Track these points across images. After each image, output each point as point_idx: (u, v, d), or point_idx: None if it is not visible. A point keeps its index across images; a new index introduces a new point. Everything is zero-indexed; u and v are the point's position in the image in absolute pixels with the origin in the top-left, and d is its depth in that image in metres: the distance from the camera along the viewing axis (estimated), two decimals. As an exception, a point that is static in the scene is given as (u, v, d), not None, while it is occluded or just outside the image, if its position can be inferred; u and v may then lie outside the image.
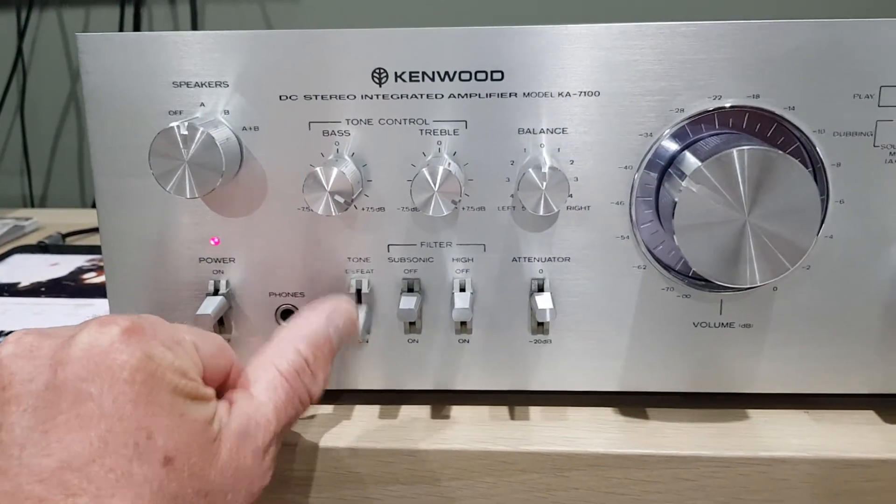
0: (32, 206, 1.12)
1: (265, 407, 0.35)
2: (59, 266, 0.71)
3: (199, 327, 0.41)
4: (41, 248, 0.77)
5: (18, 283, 0.66)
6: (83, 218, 0.91)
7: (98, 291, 0.64)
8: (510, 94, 0.41)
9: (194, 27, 1.02)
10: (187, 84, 0.41)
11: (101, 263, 0.71)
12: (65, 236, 0.82)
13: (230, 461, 0.33)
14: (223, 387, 0.37)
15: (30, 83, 1.09)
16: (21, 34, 1.07)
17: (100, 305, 0.60)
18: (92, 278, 0.67)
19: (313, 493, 0.41)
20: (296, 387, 0.37)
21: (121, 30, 1.04)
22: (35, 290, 0.65)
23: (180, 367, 0.32)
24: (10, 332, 0.55)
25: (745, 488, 0.40)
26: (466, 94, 0.41)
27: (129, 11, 1.04)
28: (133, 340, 0.31)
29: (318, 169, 0.39)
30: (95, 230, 0.84)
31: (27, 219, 0.88)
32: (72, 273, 0.69)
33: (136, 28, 1.04)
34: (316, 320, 0.39)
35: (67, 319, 0.58)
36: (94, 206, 1.09)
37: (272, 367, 0.37)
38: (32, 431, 0.30)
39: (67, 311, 0.60)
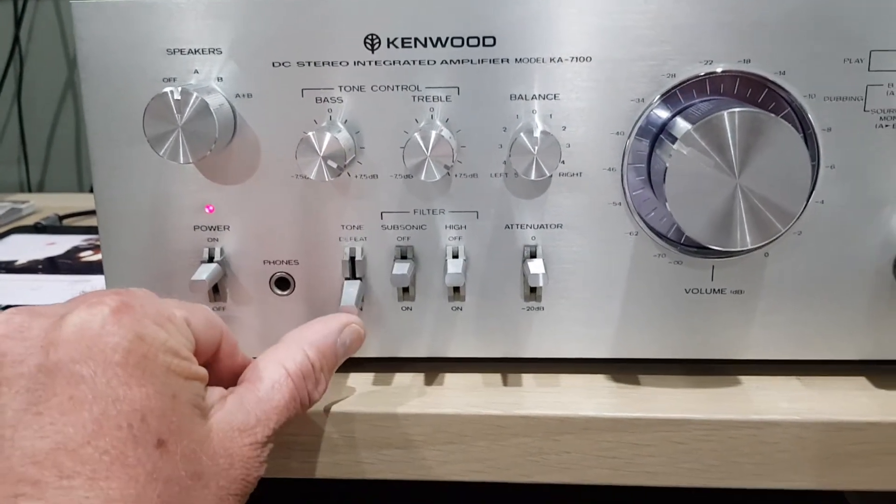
0: (30, 192, 1.12)
1: (268, 404, 0.36)
2: (56, 245, 0.71)
3: (195, 293, 0.42)
4: (38, 228, 0.77)
5: (15, 261, 0.66)
6: (80, 202, 0.91)
7: (95, 269, 0.64)
8: (502, 60, 0.41)
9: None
10: (181, 51, 0.41)
11: (99, 243, 0.71)
12: (62, 218, 0.82)
13: (224, 449, 0.33)
14: (216, 357, 0.37)
15: (27, 71, 1.09)
16: (18, 22, 1.07)
17: (97, 282, 0.60)
18: (88, 256, 0.68)
19: (308, 457, 0.42)
20: (300, 388, 0.37)
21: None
22: (32, 268, 0.65)
23: (172, 347, 0.32)
24: (5, 306, 0.55)
25: (735, 451, 0.40)
26: (458, 60, 0.41)
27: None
28: (124, 320, 0.31)
29: (310, 134, 0.39)
30: (93, 212, 0.84)
31: (24, 202, 0.88)
32: (68, 252, 0.69)
33: None
34: (328, 331, 0.40)
35: (65, 295, 0.58)
36: (91, 191, 1.09)
37: (280, 366, 0.37)
38: (25, 413, 0.29)
39: (64, 287, 0.60)
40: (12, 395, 0.30)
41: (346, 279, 0.43)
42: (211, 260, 0.43)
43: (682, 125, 0.39)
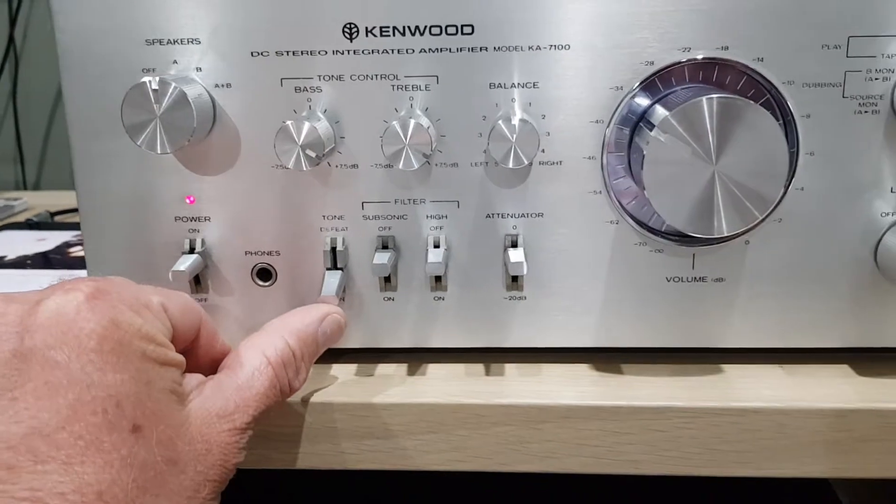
0: (25, 191, 1.12)
1: (248, 391, 0.36)
2: (47, 241, 0.71)
3: (176, 284, 0.42)
4: (29, 225, 0.77)
5: (5, 257, 0.67)
6: (73, 199, 0.91)
7: (84, 264, 0.64)
8: (481, 49, 0.41)
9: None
10: (160, 42, 0.41)
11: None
12: (53, 214, 0.82)
13: (201, 435, 0.33)
14: (195, 344, 0.37)
15: (22, 70, 1.09)
16: (13, 21, 1.07)
17: (84, 275, 0.60)
18: (78, 252, 0.68)
19: (289, 448, 0.42)
20: (280, 376, 0.37)
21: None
22: (21, 263, 0.65)
23: (148, 333, 0.32)
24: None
25: (718, 438, 0.40)
26: (437, 49, 0.41)
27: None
28: (99, 306, 0.31)
29: (289, 123, 0.39)
30: (84, 209, 0.84)
31: (17, 199, 0.88)
32: (58, 247, 0.69)
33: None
34: (309, 320, 0.40)
35: (51, 289, 0.58)
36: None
37: (261, 353, 0.37)
38: (0, 398, 0.30)
39: (52, 281, 0.60)
40: None
41: (328, 269, 0.43)
42: (192, 251, 0.43)
43: (660, 112, 0.39)
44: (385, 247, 0.43)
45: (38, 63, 1.09)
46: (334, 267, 0.43)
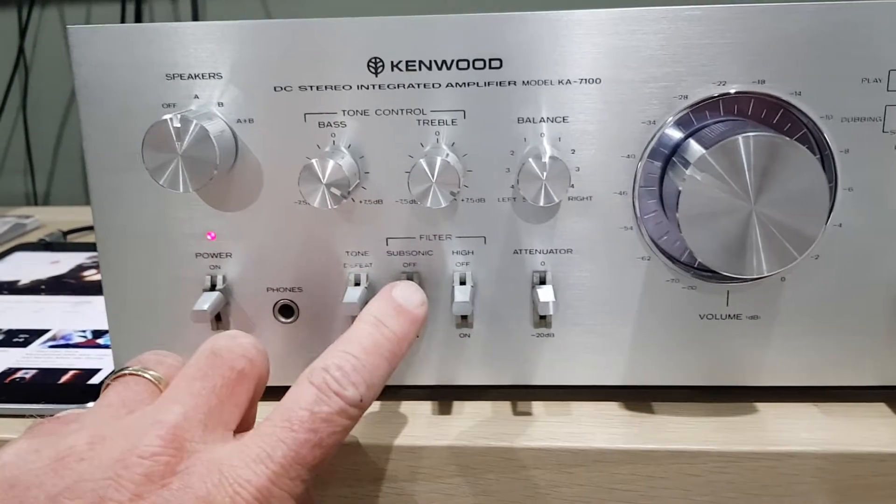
0: (36, 204, 1.12)
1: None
2: (60, 264, 0.70)
3: (196, 323, 0.41)
4: (42, 245, 0.77)
5: (18, 282, 0.66)
6: (85, 216, 0.90)
7: (98, 289, 0.63)
8: (509, 83, 0.40)
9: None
10: (181, 76, 0.40)
11: (102, 261, 0.70)
12: (66, 234, 0.81)
13: None
14: None
15: (32, 81, 1.09)
16: (23, 32, 1.06)
17: (98, 303, 0.60)
18: (92, 275, 0.67)
19: (314, 490, 0.41)
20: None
21: (122, 26, 1.03)
22: (35, 288, 0.64)
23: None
24: (8, 331, 0.54)
25: (753, 483, 0.39)
26: (464, 83, 0.40)
27: (131, 7, 1.04)
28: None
29: (313, 161, 0.38)
30: (97, 227, 0.84)
31: (28, 217, 0.88)
32: (72, 270, 0.69)
33: (138, 23, 1.04)
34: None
35: (66, 317, 0.57)
36: (96, 203, 1.09)
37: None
38: None
39: (66, 309, 0.59)
40: None
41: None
42: (213, 288, 0.43)
43: (695, 148, 0.38)
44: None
45: (49, 75, 1.09)
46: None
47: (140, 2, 1.04)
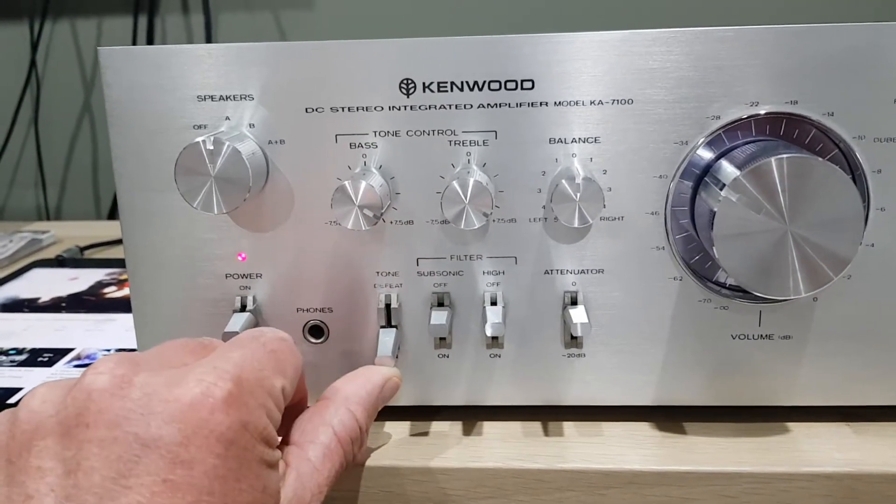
0: (48, 217, 1.12)
1: (320, 476, 0.34)
2: (79, 280, 0.70)
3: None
4: (59, 262, 0.77)
5: (39, 299, 0.66)
6: (100, 230, 0.90)
7: (119, 306, 0.63)
8: (541, 104, 0.40)
9: (208, 37, 1.02)
10: (212, 98, 0.40)
11: (122, 277, 0.70)
12: (83, 249, 0.81)
13: None
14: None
15: (44, 95, 1.09)
16: (34, 46, 1.06)
17: (122, 321, 0.60)
18: (112, 293, 0.67)
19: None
20: (347, 453, 0.36)
21: (134, 40, 1.04)
22: (56, 306, 0.64)
23: (269, 435, 0.31)
24: (33, 349, 0.54)
25: (787, 505, 0.39)
26: (496, 104, 0.40)
27: (143, 22, 1.04)
28: (234, 406, 0.30)
29: (346, 183, 0.38)
30: (113, 243, 0.84)
31: (44, 232, 0.88)
32: (92, 287, 0.69)
33: (150, 38, 1.04)
34: (371, 386, 0.39)
35: (89, 335, 0.57)
36: (110, 217, 1.09)
37: (329, 428, 0.36)
38: (113, 483, 0.28)
39: (89, 328, 0.59)
40: (103, 458, 0.28)
41: (382, 327, 0.42)
42: (244, 309, 0.42)
43: (729, 170, 0.38)
44: (441, 304, 0.42)
45: (60, 88, 1.09)
46: (388, 324, 0.42)
47: (152, 15, 1.04)
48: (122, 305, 0.63)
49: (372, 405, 0.38)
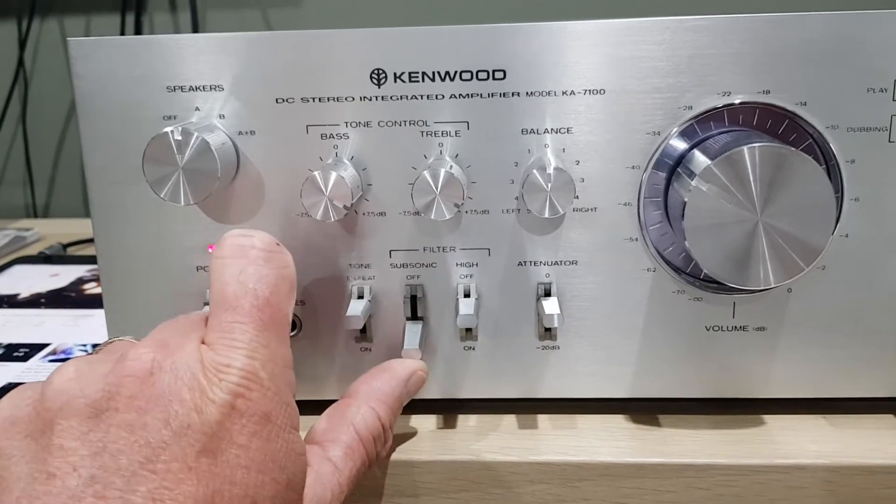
0: (35, 216, 1.11)
1: (341, 475, 0.34)
2: (60, 277, 0.70)
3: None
4: (42, 258, 0.76)
5: (18, 295, 0.65)
6: (85, 228, 0.90)
7: (98, 302, 0.63)
8: (513, 94, 0.39)
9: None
10: (181, 88, 0.40)
11: (102, 273, 0.70)
12: (66, 246, 0.81)
13: None
14: None
15: (31, 92, 1.08)
16: (22, 43, 1.06)
17: (99, 316, 0.59)
18: (92, 289, 0.66)
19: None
20: (370, 452, 0.36)
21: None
22: (35, 302, 0.64)
23: (293, 422, 0.32)
24: (9, 345, 0.54)
25: (762, 497, 0.39)
26: (468, 95, 0.39)
27: (130, 19, 1.04)
28: (255, 399, 0.30)
29: (316, 173, 0.38)
30: (97, 239, 0.83)
31: (28, 229, 0.87)
32: (72, 284, 0.68)
33: (138, 35, 1.04)
34: (395, 383, 0.39)
35: (67, 331, 0.57)
36: (96, 215, 1.08)
37: (351, 427, 0.36)
38: (140, 467, 0.28)
39: (67, 323, 0.59)
40: (132, 443, 0.28)
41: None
42: (215, 301, 0.42)
43: (700, 159, 0.37)
44: (414, 296, 0.42)
45: (48, 86, 1.09)
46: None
47: (140, 13, 1.04)
48: (101, 301, 0.62)
49: (396, 401, 0.38)
